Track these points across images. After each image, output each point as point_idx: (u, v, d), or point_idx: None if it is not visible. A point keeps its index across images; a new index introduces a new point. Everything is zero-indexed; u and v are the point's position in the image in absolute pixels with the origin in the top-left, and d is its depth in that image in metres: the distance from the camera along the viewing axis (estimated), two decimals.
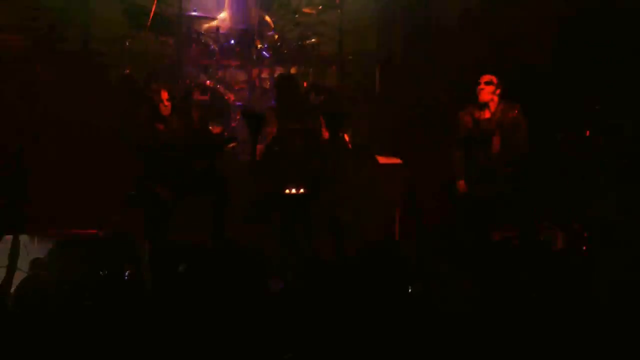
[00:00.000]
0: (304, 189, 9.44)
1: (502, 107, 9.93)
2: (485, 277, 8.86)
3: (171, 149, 9.76)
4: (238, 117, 11.36)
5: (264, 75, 11.89)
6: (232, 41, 11.85)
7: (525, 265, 8.83)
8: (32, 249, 9.41)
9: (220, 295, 7.10)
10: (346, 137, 11.58)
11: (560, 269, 8.87)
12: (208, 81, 11.72)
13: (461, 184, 10.05)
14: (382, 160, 11.29)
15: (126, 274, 7.91)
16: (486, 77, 9.96)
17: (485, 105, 9.94)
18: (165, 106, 9.76)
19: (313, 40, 11.81)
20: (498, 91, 9.96)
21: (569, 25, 11.88)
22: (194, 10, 11.96)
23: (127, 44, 11.70)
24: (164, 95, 9.76)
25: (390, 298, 7.15)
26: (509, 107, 9.92)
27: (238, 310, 6.71)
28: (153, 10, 11.53)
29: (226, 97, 11.49)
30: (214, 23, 12.22)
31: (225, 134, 11.40)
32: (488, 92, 9.90)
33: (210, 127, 11.05)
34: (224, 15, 12.29)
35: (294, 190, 9.42)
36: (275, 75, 11.80)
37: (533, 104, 10.82)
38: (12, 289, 7.90)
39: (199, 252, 9.18)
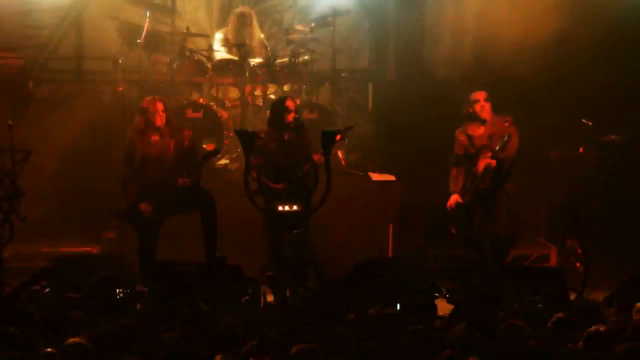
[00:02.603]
0: (298, 206, 9.41)
1: (494, 120, 9.88)
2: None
3: (160, 161, 9.77)
4: (231, 134, 11.35)
5: (257, 92, 11.88)
6: (225, 58, 11.85)
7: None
8: None
9: (213, 310, 7.09)
10: (339, 155, 11.59)
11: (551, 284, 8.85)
12: (201, 99, 11.72)
13: (453, 197, 9.97)
14: (375, 177, 11.29)
15: (119, 292, 7.89)
16: (483, 94, 9.91)
17: (483, 122, 9.90)
18: (161, 117, 9.77)
19: (306, 57, 11.79)
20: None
21: (558, 42, 11.95)
22: (187, 28, 11.96)
23: (120, 61, 11.69)
24: (159, 106, 9.77)
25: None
26: (500, 119, 9.86)
27: (231, 326, 6.69)
28: (146, 28, 11.53)
29: (219, 115, 11.48)
30: (207, 40, 12.23)
31: (220, 157, 11.39)
32: (489, 108, 9.85)
33: (203, 145, 11.06)
34: (216, 32, 12.30)
35: (287, 208, 9.39)
36: (269, 94, 11.82)
37: (524, 121, 10.85)
38: None
39: (191, 269, 9.19)
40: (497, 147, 9.69)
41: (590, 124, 10.41)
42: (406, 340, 6.47)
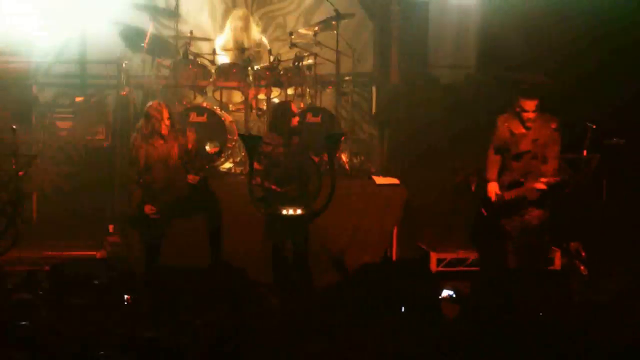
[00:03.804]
0: (302, 210, 9.41)
1: (539, 123, 9.71)
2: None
3: (165, 164, 9.80)
4: (235, 138, 11.34)
5: (261, 96, 11.87)
6: (229, 62, 11.85)
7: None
8: None
9: (219, 315, 7.10)
10: (343, 158, 11.59)
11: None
12: (205, 102, 11.71)
13: (493, 186, 9.89)
14: (379, 180, 11.28)
15: (125, 298, 7.90)
16: (532, 105, 9.65)
17: (527, 128, 9.71)
18: (166, 125, 9.81)
19: (309, 61, 11.79)
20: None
21: (562, 45, 11.97)
22: (191, 32, 11.96)
23: (124, 65, 11.69)
24: (165, 113, 9.81)
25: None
26: (546, 121, 9.72)
27: (233, 330, 6.70)
28: (150, 32, 11.53)
29: (223, 118, 11.47)
30: (211, 44, 12.24)
31: (223, 156, 11.39)
32: (534, 117, 9.65)
33: (207, 148, 11.06)
34: (220, 36, 12.31)
35: (291, 212, 9.39)
36: (273, 97, 11.81)
37: None
38: None
39: (195, 272, 9.19)
40: (550, 180, 9.58)
41: (594, 126, 10.40)
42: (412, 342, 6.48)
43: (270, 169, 9.68)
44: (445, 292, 9.52)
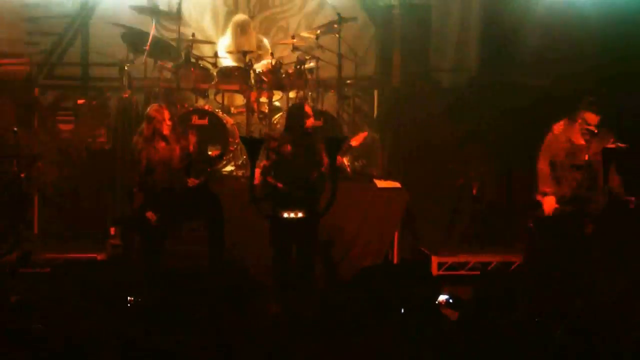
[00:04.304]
0: (303, 213, 9.41)
1: (599, 136, 9.57)
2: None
3: (166, 167, 9.80)
4: (237, 141, 11.34)
5: (262, 99, 11.87)
6: (231, 65, 11.86)
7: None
8: None
9: (218, 318, 7.09)
10: (345, 161, 11.58)
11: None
12: (206, 105, 11.72)
13: (551, 200, 9.66)
14: (380, 184, 11.28)
15: (128, 300, 7.89)
16: (595, 119, 9.49)
17: (587, 141, 9.59)
18: (168, 126, 9.81)
19: (311, 64, 11.79)
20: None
21: (564, 48, 11.97)
22: (193, 35, 11.97)
23: (126, 68, 11.69)
24: (166, 114, 9.81)
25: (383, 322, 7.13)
26: (604, 135, 9.59)
27: (235, 334, 6.69)
28: (152, 34, 11.54)
29: (224, 121, 11.47)
30: (213, 47, 12.25)
31: (224, 159, 11.39)
32: (595, 132, 9.52)
33: (208, 151, 11.06)
34: (222, 39, 12.32)
35: (292, 215, 9.39)
36: (274, 100, 11.82)
37: (529, 127, 10.85)
38: None
39: (197, 275, 9.19)
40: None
41: (596, 130, 10.38)
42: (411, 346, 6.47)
43: (276, 167, 9.66)
44: (443, 297, 9.52)
